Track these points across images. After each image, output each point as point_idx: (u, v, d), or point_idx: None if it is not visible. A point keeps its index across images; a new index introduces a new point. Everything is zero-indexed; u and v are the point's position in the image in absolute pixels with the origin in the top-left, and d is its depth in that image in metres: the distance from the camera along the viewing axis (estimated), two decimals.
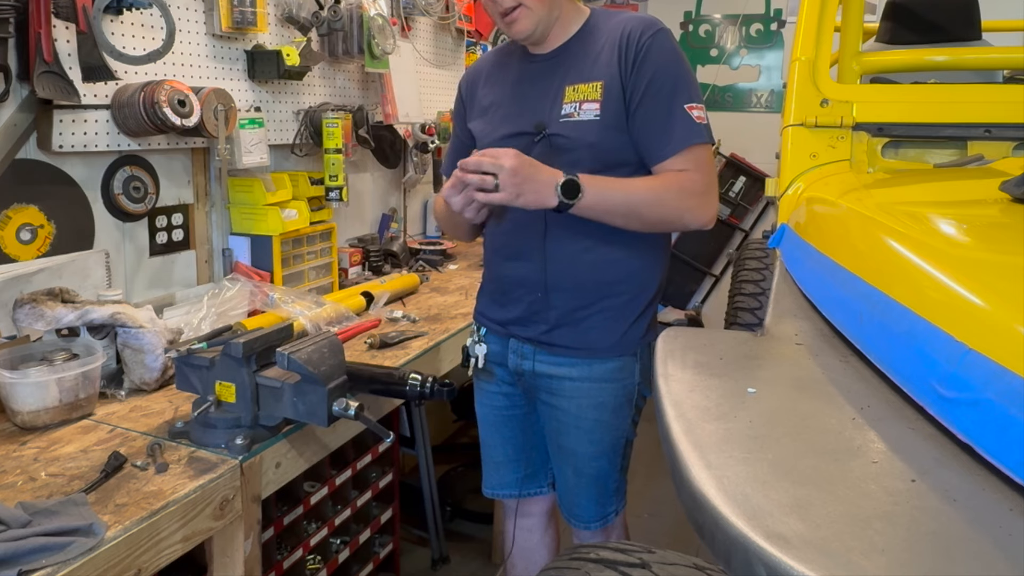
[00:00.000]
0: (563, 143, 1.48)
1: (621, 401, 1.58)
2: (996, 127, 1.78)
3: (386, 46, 2.54)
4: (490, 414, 1.75)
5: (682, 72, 1.48)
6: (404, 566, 2.49)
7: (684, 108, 1.46)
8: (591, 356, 1.55)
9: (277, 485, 1.41)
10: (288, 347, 1.32)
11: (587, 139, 1.47)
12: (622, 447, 1.63)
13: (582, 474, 1.64)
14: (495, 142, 1.54)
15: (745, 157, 4.60)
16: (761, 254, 2.89)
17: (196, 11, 1.98)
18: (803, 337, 1.08)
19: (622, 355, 1.56)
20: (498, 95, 1.60)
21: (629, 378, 1.57)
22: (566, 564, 0.99)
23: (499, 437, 1.75)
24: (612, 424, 1.59)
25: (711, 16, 4.76)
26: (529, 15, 1.46)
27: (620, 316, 1.54)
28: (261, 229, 2.13)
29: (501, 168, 1.33)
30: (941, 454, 0.73)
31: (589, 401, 1.57)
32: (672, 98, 1.45)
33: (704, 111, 1.49)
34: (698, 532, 0.71)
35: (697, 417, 0.84)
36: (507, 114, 1.57)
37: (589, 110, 1.46)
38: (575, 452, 1.62)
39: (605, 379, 1.56)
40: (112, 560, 1.04)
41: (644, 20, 1.50)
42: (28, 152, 1.66)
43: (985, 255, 0.95)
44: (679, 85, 1.46)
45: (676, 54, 1.48)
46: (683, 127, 1.45)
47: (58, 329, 1.49)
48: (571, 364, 1.56)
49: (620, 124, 1.46)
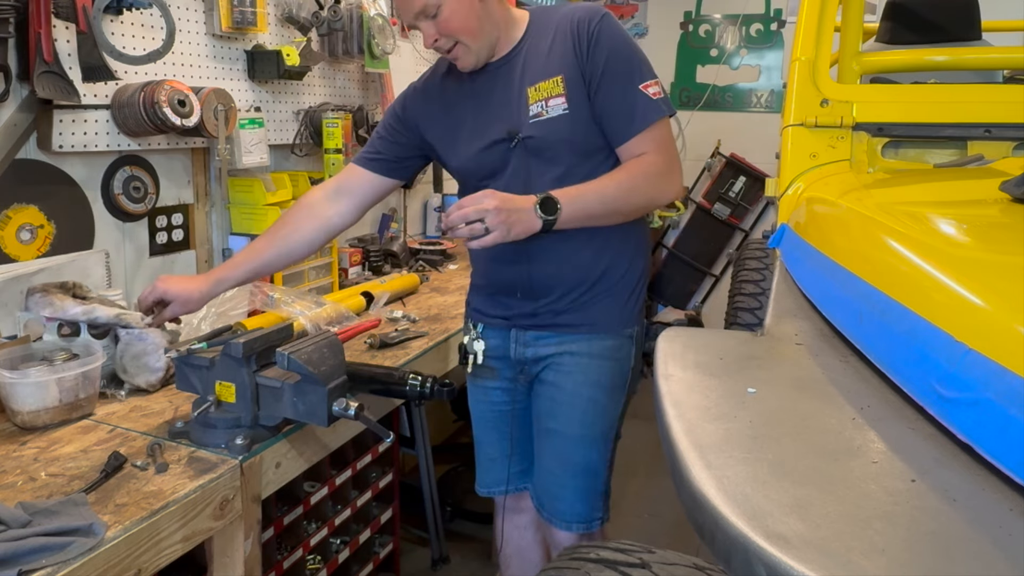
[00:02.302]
0: (538, 143, 1.50)
1: (617, 382, 1.60)
2: (996, 127, 1.78)
3: (386, 46, 2.55)
4: (487, 411, 1.74)
5: (632, 53, 1.51)
6: (404, 566, 2.49)
7: (639, 88, 1.48)
8: (592, 332, 1.57)
9: (277, 485, 1.41)
10: (288, 347, 1.32)
11: (561, 134, 1.49)
12: (608, 441, 1.63)
13: (568, 462, 1.61)
14: (472, 157, 1.56)
15: (745, 157, 4.60)
16: (761, 254, 2.89)
17: (196, 11, 1.98)
18: (803, 337, 1.08)
19: (619, 334, 1.59)
20: (459, 112, 1.59)
21: (625, 360, 1.60)
22: (566, 564, 0.99)
23: (495, 434, 1.75)
24: (606, 406, 1.59)
25: (711, 16, 4.75)
26: (468, 51, 1.49)
27: (614, 293, 1.58)
28: (261, 229, 2.12)
29: (486, 212, 1.35)
30: (941, 454, 0.73)
31: (586, 378, 1.58)
32: (628, 80, 1.48)
33: (659, 85, 1.51)
34: (698, 532, 0.71)
35: (697, 417, 0.84)
36: (474, 128, 1.57)
37: (556, 105, 1.48)
38: (563, 434, 1.61)
39: (604, 356, 1.58)
40: (112, 560, 1.04)
41: (588, 8, 1.52)
42: (28, 152, 1.66)
43: (985, 255, 0.95)
44: (632, 66, 1.49)
45: (624, 36, 1.51)
46: (642, 107, 1.48)
47: (59, 326, 1.49)
48: (572, 340, 1.58)
49: (588, 112, 1.49)
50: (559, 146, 1.50)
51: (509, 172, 1.53)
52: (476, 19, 1.47)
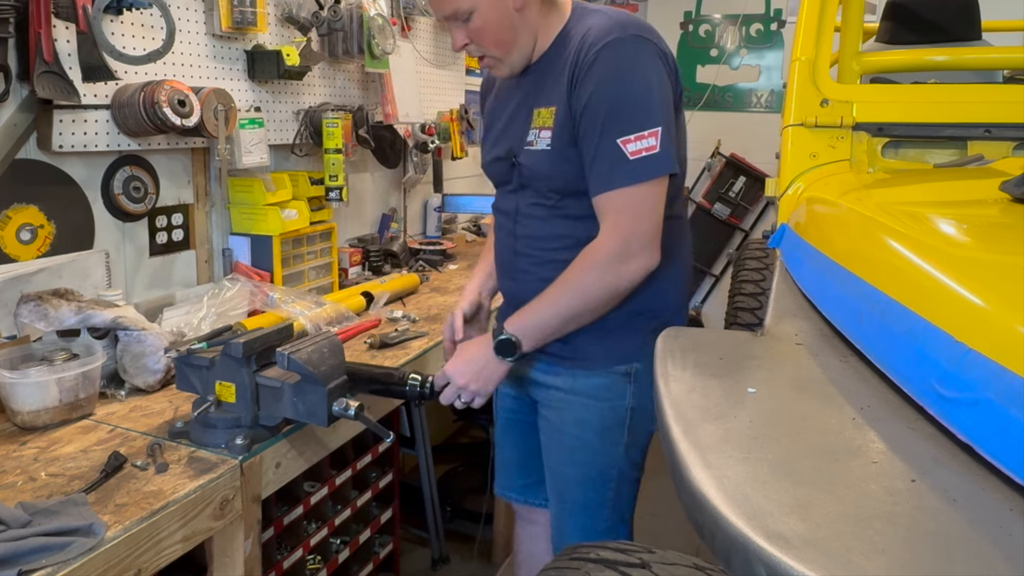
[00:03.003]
0: (527, 173, 1.42)
1: (608, 423, 1.46)
2: (996, 127, 1.78)
3: (386, 46, 2.54)
4: (501, 415, 1.73)
5: (620, 95, 1.27)
6: (404, 566, 2.49)
7: (617, 142, 1.27)
8: (575, 367, 1.46)
9: (277, 485, 1.41)
10: (288, 347, 1.32)
11: (543, 170, 1.39)
12: (613, 480, 1.50)
13: (565, 500, 1.54)
14: (488, 164, 1.55)
15: (745, 157, 4.60)
16: (761, 254, 2.89)
17: (196, 11, 1.98)
18: (803, 337, 1.08)
19: (609, 371, 1.45)
20: (494, 112, 1.54)
21: (618, 399, 1.46)
22: (566, 564, 0.99)
23: (508, 439, 1.73)
24: (597, 448, 1.48)
25: (711, 16, 4.75)
26: (499, 60, 1.39)
27: (601, 323, 1.41)
28: (261, 229, 2.13)
29: (459, 391, 1.41)
30: (941, 454, 0.73)
31: (571, 415, 1.48)
32: (604, 128, 1.28)
33: (653, 137, 1.27)
34: (698, 532, 0.71)
35: (697, 417, 0.84)
36: (494, 136, 1.51)
37: (544, 139, 1.36)
38: (557, 472, 1.54)
39: (589, 395, 1.46)
40: (112, 560, 1.04)
41: (604, 28, 1.30)
42: (28, 152, 1.66)
43: (985, 255, 0.95)
44: (616, 112, 1.27)
45: (619, 72, 1.27)
46: (610, 165, 1.28)
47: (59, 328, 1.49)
48: (556, 373, 1.49)
49: (571, 154, 1.34)
50: (541, 181, 1.40)
51: (512, 187, 1.49)
52: (510, 30, 1.33)
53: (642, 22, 1.36)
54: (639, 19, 1.36)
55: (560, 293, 1.36)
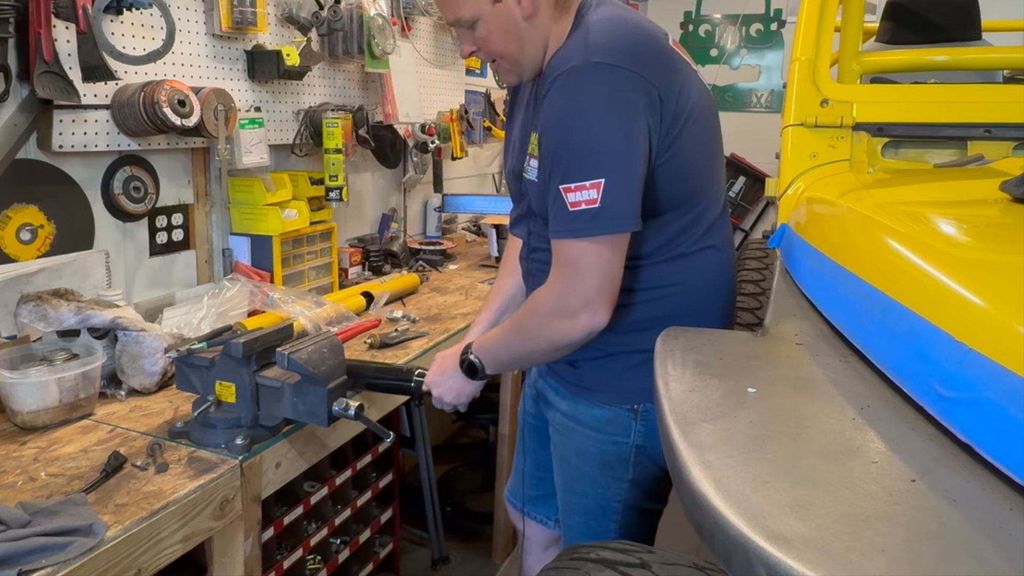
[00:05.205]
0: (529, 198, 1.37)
1: (609, 459, 1.38)
2: (996, 127, 1.78)
3: (386, 46, 2.54)
4: (521, 418, 1.71)
5: (562, 137, 1.16)
6: (404, 566, 2.49)
7: (559, 188, 1.15)
8: (578, 395, 1.40)
9: (277, 485, 1.41)
10: (288, 347, 1.32)
11: (536, 201, 1.31)
12: (616, 512, 1.42)
13: (569, 524, 1.49)
14: (507, 175, 1.50)
15: (745, 157, 4.60)
16: (761, 254, 2.89)
17: (196, 11, 1.98)
18: (803, 337, 1.08)
19: (615, 406, 1.36)
20: (511, 120, 1.48)
21: (621, 436, 1.36)
22: (566, 564, 0.99)
23: (521, 444, 1.71)
24: (598, 480, 1.40)
25: (711, 16, 4.75)
26: (507, 69, 1.32)
27: (613, 353, 1.34)
28: (261, 229, 2.13)
29: (442, 404, 1.47)
30: (941, 454, 0.73)
31: (572, 444, 1.42)
32: (551, 170, 1.19)
33: (595, 190, 1.12)
34: (698, 532, 0.71)
35: (697, 417, 0.84)
36: (509, 148, 1.46)
37: (533, 168, 1.27)
38: (560, 496, 1.50)
39: (591, 426, 1.38)
40: (112, 560, 1.04)
41: (572, 50, 1.18)
42: (28, 152, 1.66)
43: (985, 255, 0.95)
44: (555, 156, 1.17)
45: (566, 110, 1.15)
46: (554, 212, 1.19)
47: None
48: (563, 397, 1.43)
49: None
50: (532, 208, 1.35)
51: (523, 210, 1.44)
52: (516, 40, 1.25)
53: (628, 39, 1.20)
54: (627, 34, 1.20)
55: (509, 331, 1.35)
